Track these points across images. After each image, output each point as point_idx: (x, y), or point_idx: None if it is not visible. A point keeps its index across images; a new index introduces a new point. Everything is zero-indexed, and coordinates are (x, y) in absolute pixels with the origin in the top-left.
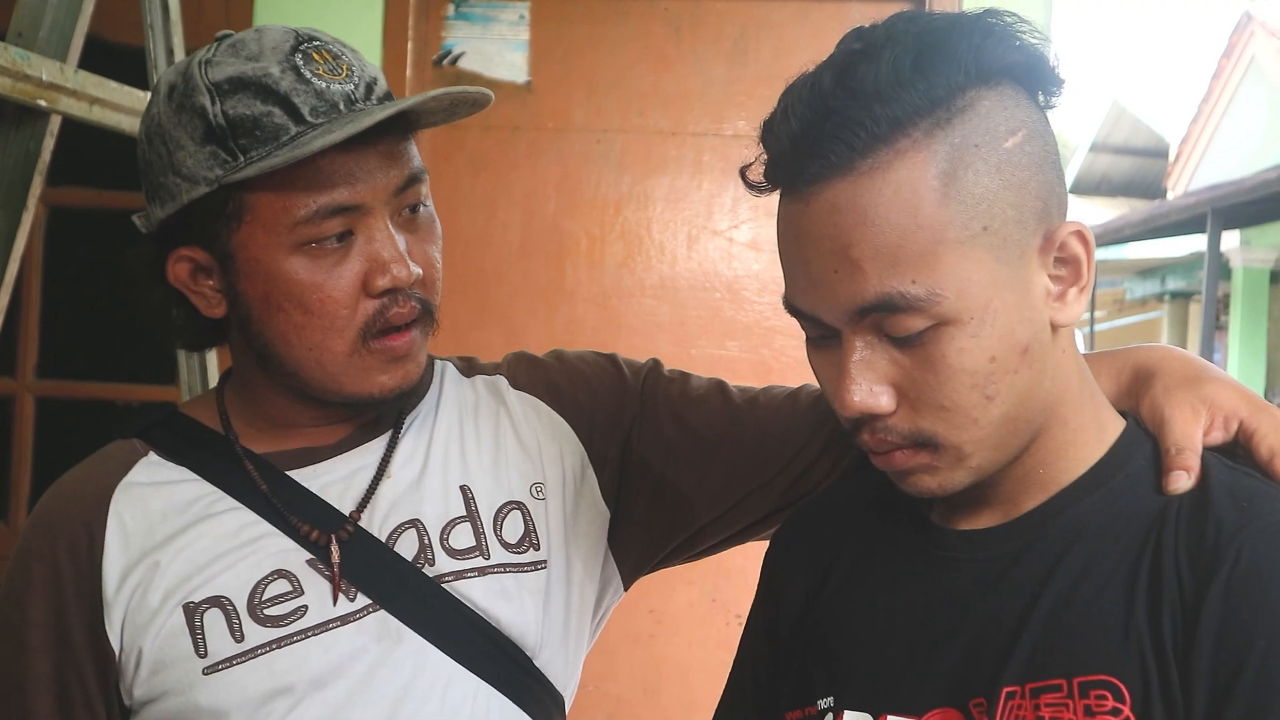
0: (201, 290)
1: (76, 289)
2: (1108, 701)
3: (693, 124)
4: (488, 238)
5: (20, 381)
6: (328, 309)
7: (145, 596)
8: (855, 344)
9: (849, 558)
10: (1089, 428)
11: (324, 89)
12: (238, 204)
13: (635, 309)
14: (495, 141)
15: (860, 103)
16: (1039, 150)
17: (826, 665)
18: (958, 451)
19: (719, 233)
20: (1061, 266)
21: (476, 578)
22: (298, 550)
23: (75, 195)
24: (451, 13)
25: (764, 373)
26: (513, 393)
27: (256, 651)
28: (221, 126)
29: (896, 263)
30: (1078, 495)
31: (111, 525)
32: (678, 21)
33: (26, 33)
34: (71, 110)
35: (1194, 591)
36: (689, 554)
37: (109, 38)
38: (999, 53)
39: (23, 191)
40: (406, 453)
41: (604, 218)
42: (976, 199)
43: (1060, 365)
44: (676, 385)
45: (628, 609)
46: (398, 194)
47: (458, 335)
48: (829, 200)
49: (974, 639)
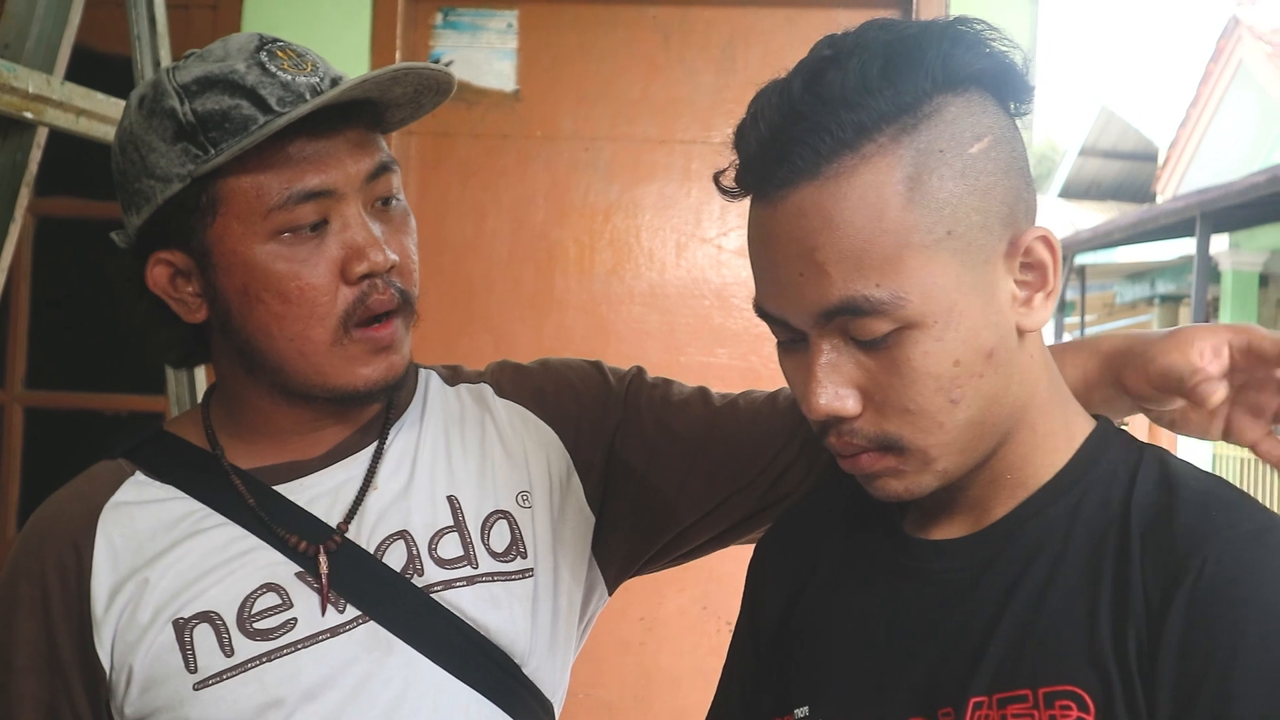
0: (182, 296)
1: (65, 299)
2: (1072, 712)
3: (681, 131)
4: (476, 246)
5: (9, 392)
6: (307, 297)
7: (135, 614)
8: (821, 347)
9: (825, 566)
10: (1057, 432)
11: (290, 80)
12: (211, 196)
13: (624, 316)
14: (484, 150)
15: (827, 108)
16: (1005, 156)
17: (803, 674)
18: (923, 455)
19: (708, 240)
20: (1028, 272)
21: (465, 587)
22: (286, 563)
23: (63, 205)
24: (439, 21)
25: (753, 379)
26: (498, 401)
27: (247, 665)
28: (191, 124)
29: (861, 266)
30: (1044, 502)
31: (100, 544)
32: (666, 29)
33: (13, 44)
34: (58, 122)
35: (1159, 601)
36: (672, 557)
37: (96, 48)
38: (967, 59)
39: (10, 203)
40: (393, 463)
41: (593, 225)
42: (941, 204)
43: (1027, 370)
44: (659, 391)
45: (618, 616)
46: (369, 181)
47: (447, 343)
48: (795, 204)
49: (943, 649)
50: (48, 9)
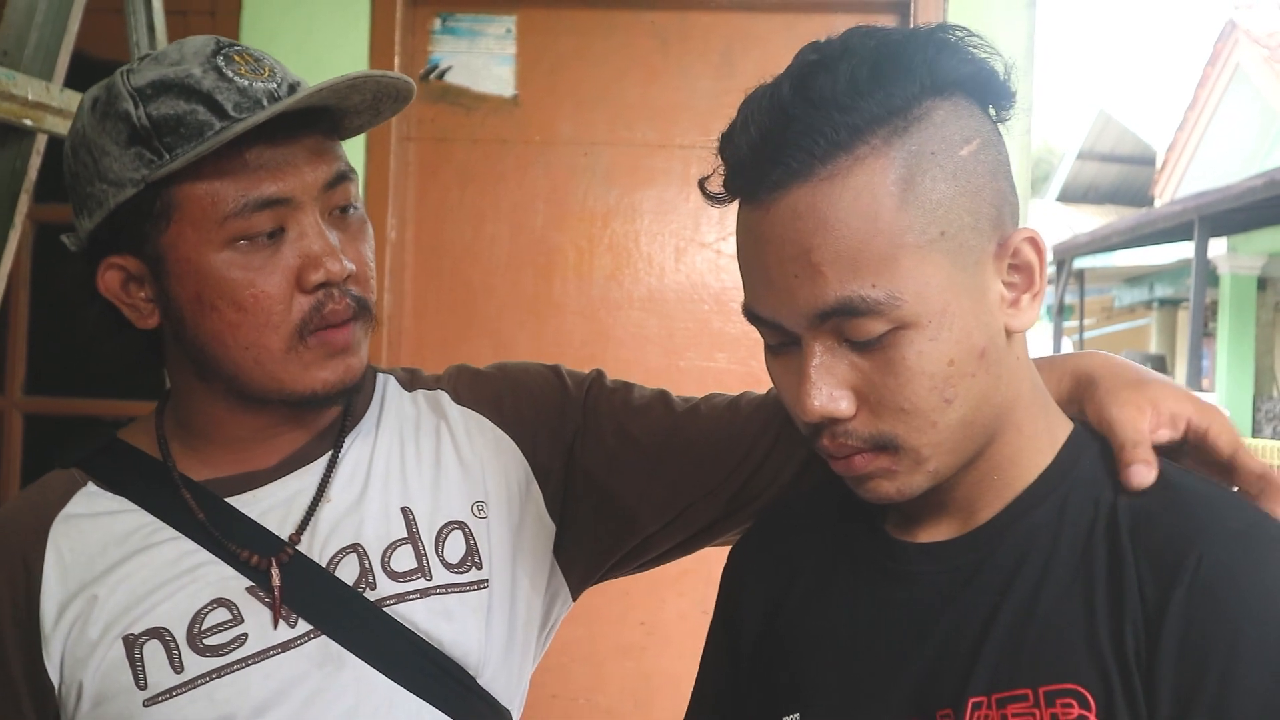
0: (133, 301)
1: (63, 305)
2: (1074, 709)
3: (680, 136)
4: (475, 251)
5: (8, 398)
6: (261, 305)
7: (84, 630)
8: (815, 349)
9: (809, 572)
10: (1041, 433)
11: (246, 86)
12: (165, 202)
13: (623, 321)
14: (482, 155)
15: (820, 111)
16: (992, 159)
17: (790, 681)
18: (916, 455)
19: (706, 245)
20: (1015, 273)
21: (418, 599)
22: (237, 578)
23: (61, 212)
24: (438, 27)
25: (752, 384)
26: (454, 408)
27: (196, 682)
28: (145, 128)
29: (856, 267)
30: (1031, 503)
31: (49, 558)
32: (664, 34)
33: (12, 51)
34: (57, 129)
35: (1155, 599)
36: (637, 563)
37: (95, 55)
38: (952, 65)
39: (9, 210)
40: (346, 474)
41: (592, 230)
42: (934, 204)
43: (1014, 371)
44: (619, 396)
45: (618, 621)
46: (326, 190)
47: (446, 348)
48: (789, 206)
49: (938, 651)
50: (46, 16)
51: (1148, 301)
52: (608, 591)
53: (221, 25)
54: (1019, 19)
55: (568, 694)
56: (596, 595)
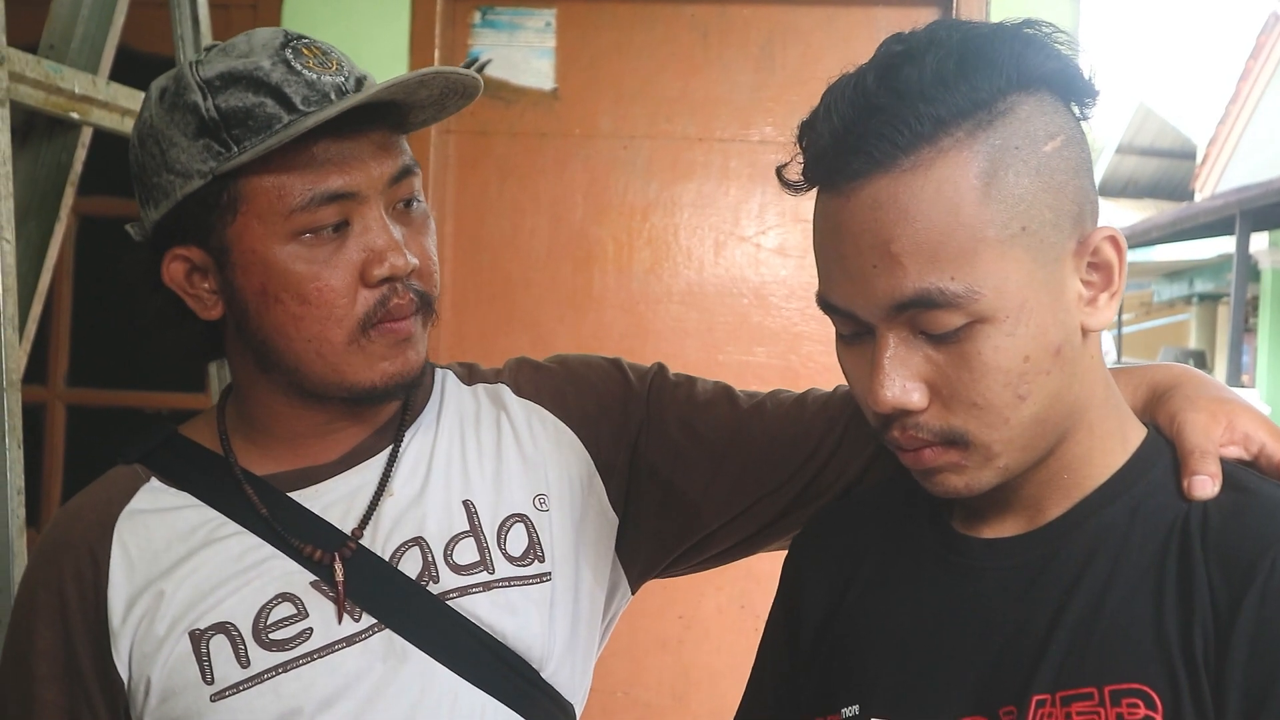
0: (197, 292)
1: (106, 297)
2: (1140, 710)
3: (720, 130)
4: (515, 244)
5: (51, 390)
6: (325, 299)
7: (151, 625)
8: (889, 340)
9: (871, 565)
10: (1113, 434)
11: (315, 79)
12: (232, 195)
13: (663, 315)
14: (522, 148)
15: (905, 101)
16: (1075, 157)
17: (850, 673)
18: (987, 450)
19: (746, 238)
20: (1093, 271)
21: (481, 593)
22: (301, 572)
23: (104, 204)
24: (478, 20)
25: (791, 378)
26: (515, 401)
27: (263, 676)
28: (214, 120)
29: (936, 259)
30: (1102, 502)
31: (116, 553)
32: (704, 27)
33: (58, 45)
34: (103, 122)
35: (1227, 601)
36: (697, 560)
37: (138, 48)
38: (1038, 61)
39: (55, 203)
40: (408, 468)
41: (631, 224)
42: (1016, 199)
43: (1088, 370)
44: (683, 391)
45: (657, 615)
46: (391, 184)
47: (485, 341)
48: (870, 196)
49: (1002, 647)
50: (92, 10)
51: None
52: (648, 586)
53: (263, 18)
54: (1063, 11)
55: (606, 688)
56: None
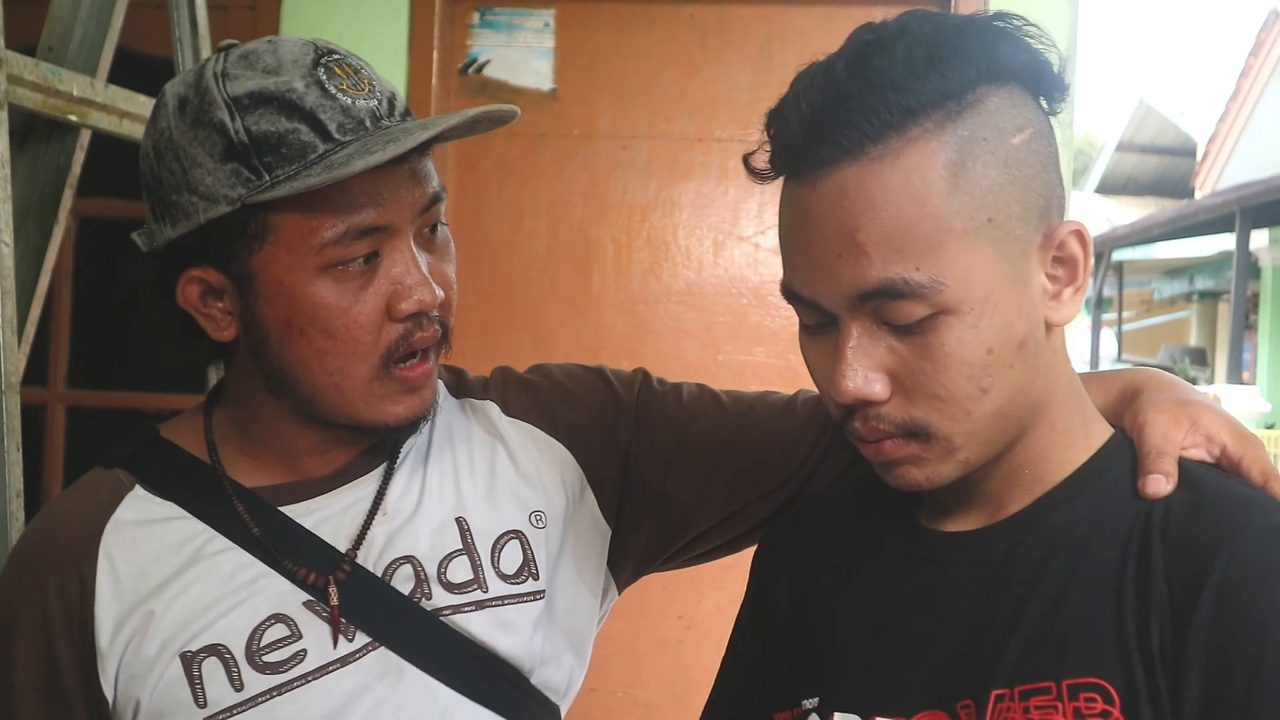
0: (211, 312)
1: (106, 298)
2: (1097, 704)
3: (719, 130)
4: (514, 245)
5: (51, 391)
6: (352, 334)
7: (141, 646)
8: (853, 330)
9: (838, 559)
10: (1076, 430)
11: (350, 105)
12: (261, 224)
13: (662, 315)
14: (521, 148)
15: (874, 90)
16: (1043, 150)
17: (813, 665)
18: (948, 443)
19: (745, 238)
20: (1059, 266)
21: (474, 611)
22: (295, 591)
23: (103, 206)
24: (477, 21)
25: (790, 378)
26: (505, 420)
27: (257, 700)
28: (244, 143)
29: (902, 249)
30: (1063, 498)
31: (102, 568)
32: (703, 27)
33: (57, 47)
34: (101, 124)
35: (1184, 596)
36: (684, 559)
37: (137, 49)
38: (1009, 54)
39: (53, 205)
40: (401, 485)
41: (630, 224)
42: (983, 191)
43: (1051, 365)
44: (670, 399)
45: (657, 615)
46: (422, 213)
47: (486, 343)
48: (837, 184)
49: (962, 641)
50: (90, 11)
51: (1188, 294)
52: (647, 586)
53: (262, 19)
54: (1062, 9)
55: (606, 688)
56: (635, 590)
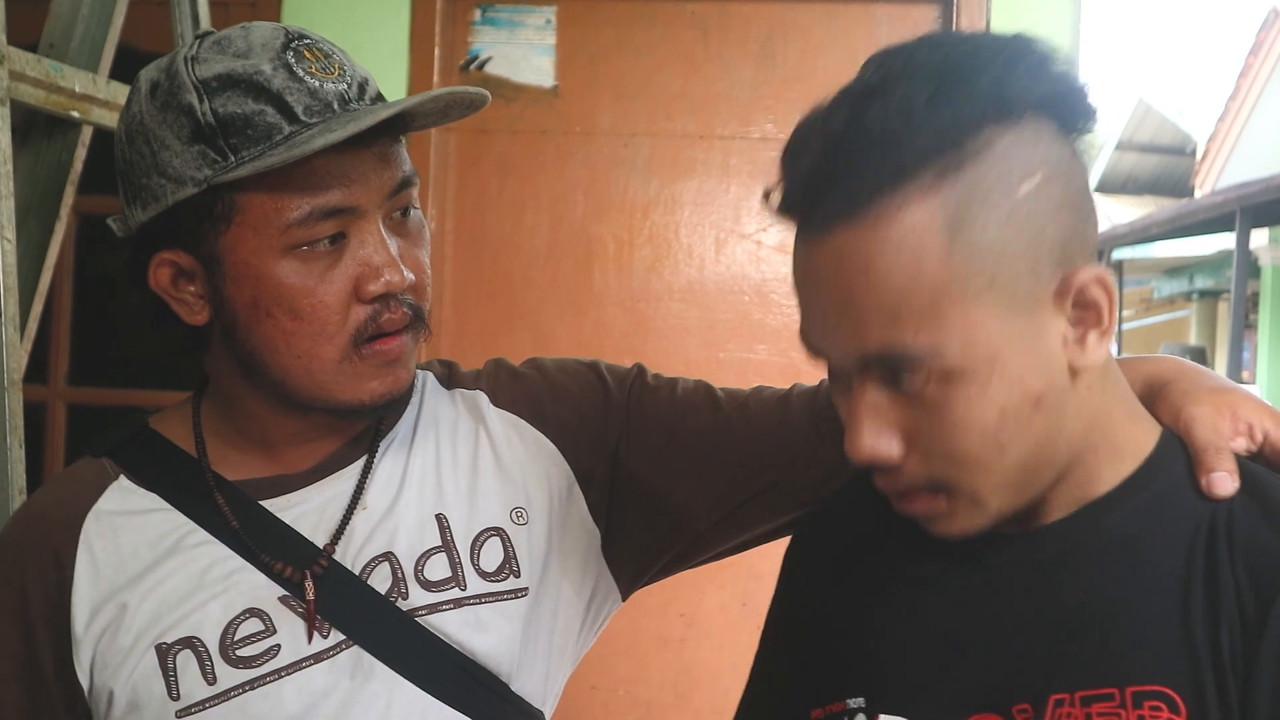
0: (183, 296)
1: (106, 296)
2: (1162, 712)
3: (720, 127)
4: (515, 242)
5: (52, 389)
6: (319, 314)
7: (116, 637)
8: (864, 389)
9: (878, 556)
10: (1124, 445)
11: (317, 88)
12: (227, 205)
13: (663, 313)
14: (523, 146)
15: (868, 147)
16: (1058, 193)
17: (857, 665)
18: (974, 496)
19: (747, 236)
20: (1081, 310)
21: (451, 610)
22: (270, 586)
23: (105, 203)
24: (478, 18)
25: (793, 375)
26: (493, 410)
27: (229, 694)
28: (211, 125)
29: (898, 316)
30: (1120, 500)
31: (81, 556)
32: (704, 25)
33: (58, 44)
34: (103, 121)
35: (1256, 605)
36: (690, 563)
37: (138, 46)
38: (1023, 86)
39: (55, 202)
40: (382, 480)
41: (632, 221)
42: (983, 251)
43: (1084, 404)
44: (664, 395)
45: (658, 613)
46: (391, 197)
47: (486, 340)
48: (834, 246)
49: (1016, 644)
50: (92, 8)
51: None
52: (649, 585)
53: (263, 16)
54: (1063, 8)
55: (608, 686)
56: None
